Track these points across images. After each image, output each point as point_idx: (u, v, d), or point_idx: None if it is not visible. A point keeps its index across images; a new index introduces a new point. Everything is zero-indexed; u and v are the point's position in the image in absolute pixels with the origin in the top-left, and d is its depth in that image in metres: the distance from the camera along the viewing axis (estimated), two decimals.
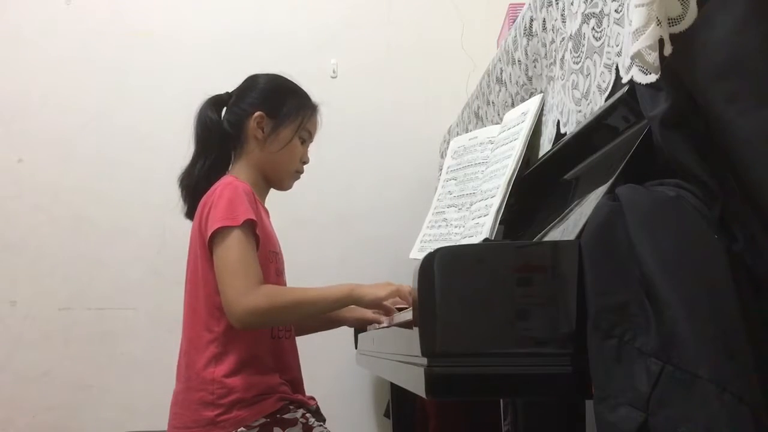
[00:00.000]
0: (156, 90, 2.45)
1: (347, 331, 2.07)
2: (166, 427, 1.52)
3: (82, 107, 2.45)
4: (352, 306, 1.60)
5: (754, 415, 0.68)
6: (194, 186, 1.56)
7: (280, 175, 1.61)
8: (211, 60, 2.45)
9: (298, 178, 1.64)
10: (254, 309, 1.38)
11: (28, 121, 2.44)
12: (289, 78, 1.63)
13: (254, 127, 1.55)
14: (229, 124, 1.57)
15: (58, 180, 2.43)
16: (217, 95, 1.61)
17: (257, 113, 1.54)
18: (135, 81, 2.47)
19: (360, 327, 1.82)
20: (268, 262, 1.50)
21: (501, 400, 1.75)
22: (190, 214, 1.57)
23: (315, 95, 1.66)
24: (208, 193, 1.49)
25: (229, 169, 1.59)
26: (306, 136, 1.61)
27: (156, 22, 2.51)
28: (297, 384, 1.56)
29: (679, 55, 0.74)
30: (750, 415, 0.68)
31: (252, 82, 1.61)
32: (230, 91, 1.62)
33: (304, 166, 1.65)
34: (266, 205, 1.64)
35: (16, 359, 2.35)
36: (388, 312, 1.44)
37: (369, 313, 1.60)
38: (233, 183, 1.48)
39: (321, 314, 1.49)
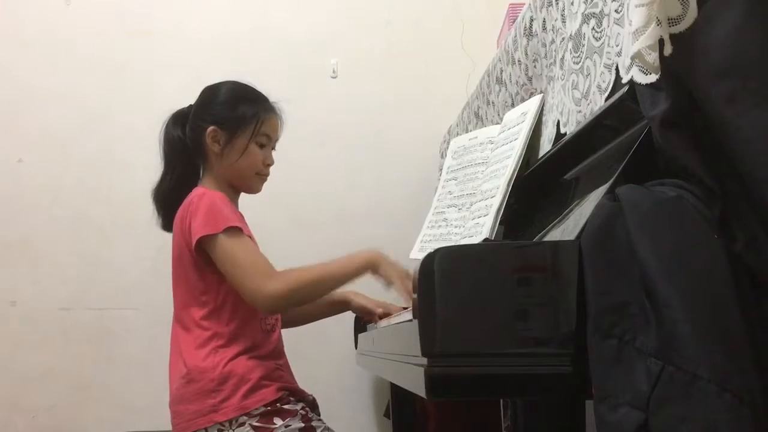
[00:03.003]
0: (156, 90, 2.45)
1: (347, 331, 2.07)
2: (165, 427, 1.53)
3: (82, 107, 2.45)
4: (357, 292, 1.71)
5: (754, 415, 0.68)
6: (164, 200, 1.61)
7: (244, 181, 1.63)
8: (211, 60, 2.45)
9: (264, 180, 1.65)
10: (278, 295, 1.44)
11: (28, 121, 2.44)
12: (244, 83, 1.64)
13: (210, 141, 1.57)
14: (190, 141, 1.60)
15: (58, 180, 2.42)
16: (179, 110, 1.64)
17: (211, 128, 1.57)
18: (135, 81, 2.47)
19: (361, 315, 1.84)
20: None
21: (501, 400, 1.75)
22: (165, 226, 1.62)
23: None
24: (183, 206, 1.53)
25: (200, 180, 1.63)
26: (264, 140, 1.61)
27: (156, 21, 2.51)
28: (287, 369, 1.61)
29: (679, 55, 0.74)
30: (750, 415, 0.68)
31: (206, 95, 1.64)
32: (192, 104, 1.64)
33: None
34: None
35: (16, 359, 2.35)
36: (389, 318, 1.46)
37: (371, 304, 1.66)
38: (207, 193, 1.52)
39: (342, 285, 1.54)
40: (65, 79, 2.46)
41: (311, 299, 1.62)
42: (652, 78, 0.77)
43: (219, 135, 1.57)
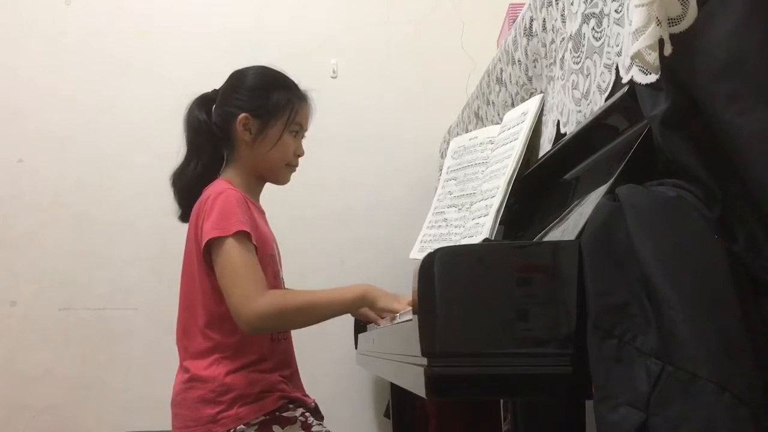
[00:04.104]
0: (156, 90, 2.45)
1: (347, 331, 2.07)
2: (165, 427, 1.52)
3: (82, 107, 2.45)
4: None
5: (754, 415, 0.68)
6: (188, 187, 1.54)
7: (274, 172, 1.58)
8: (211, 60, 2.44)
9: (293, 171, 1.61)
10: (262, 313, 1.37)
11: (28, 121, 2.44)
12: (275, 69, 1.59)
13: (241, 130, 1.51)
14: (217, 128, 1.54)
15: (58, 180, 2.43)
16: (204, 94, 1.58)
17: (242, 115, 1.51)
18: (135, 81, 2.47)
19: (361, 319, 1.83)
20: (266, 266, 1.49)
21: (501, 400, 1.75)
22: (184, 217, 1.55)
23: (315, 95, 1.65)
24: (201, 201, 1.47)
25: (222, 171, 1.57)
26: (297, 128, 1.57)
27: (156, 22, 2.51)
28: (295, 378, 1.57)
29: (679, 55, 0.74)
30: (750, 415, 0.68)
31: (236, 80, 1.57)
32: (217, 88, 1.59)
33: (300, 159, 1.61)
34: (265, 205, 1.63)
35: (16, 359, 2.35)
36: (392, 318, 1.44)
37: (372, 312, 1.62)
38: (225, 192, 1.45)
39: (331, 317, 1.46)
40: (65, 79, 2.46)
41: (296, 326, 1.53)
42: (652, 78, 0.77)
43: (251, 123, 1.51)
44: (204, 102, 1.57)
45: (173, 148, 1.60)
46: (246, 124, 1.52)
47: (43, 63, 2.46)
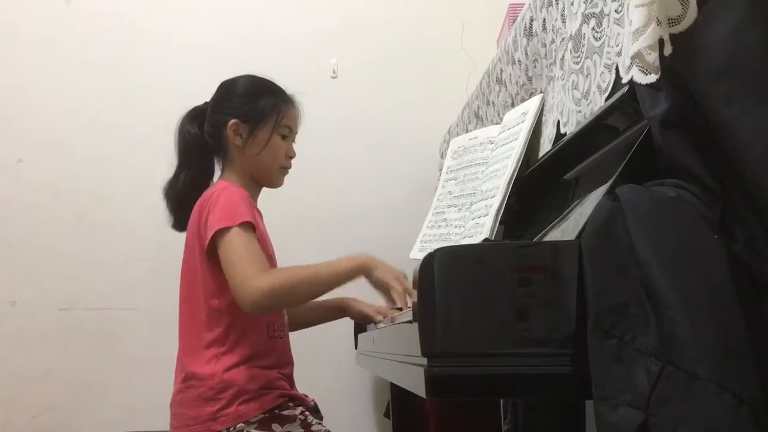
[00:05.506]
0: (156, 90, 2.45)
1: (347, 332, 2.07)
2: (165, 427, 1.53)
3: (82, 107, 2.45)
4: (356, 299, 1.68)
5: (754, 415, 0.68)
6: (178, 197, 1.58)
7: (267, 175, 1.62)
8: (211, 60, 2.45)
9: (286, 173, 1.64)
10: (264, 290, 1.38)
11: (28, 121, 2.44)
12: (262, 77, 1.63)
13: (232, 135, 1.56)
14: (209, 136, 1.59)
15: (58, 180, 2.43)
16: (195, 107, 1.63)
17: (232, 121, 1.55)
18: (135, 81, 2.47)
19: (360, 321, 1.83)
20: None
21: (501, 400, 1.75)
22: (177, 225, 1.60)
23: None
24: (205, 196, 1.51)
25: (221, 175, 1.61)
26: (286, 132, 1.61)
27: (156, 22, 2.51)
28: (291, 379, 1.58)
29: (679, 55, 0.74)
30: (750, 415, 0.68)
31: (224, 89, 1.63)
32: (208, 100, 1.63)
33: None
34: (263, 205, 1.65)
35: (16, 359, 2.35)
36: (389, 302, 1.45)
37: (370, 310, 1.64)
38: (229, 188, 1.50)
39: (333, 288, 1.47)
40: (65, 80, 2.46)
41: (299, 301, 1.57)
42: (652, 78, 0.77)
43: (240, 128, 1.56)
44: (195, 115, 1.62)
45: (173, 148, 1.61)
46: (236, 129, 1.56)
47: (43, 63, 2.46)
